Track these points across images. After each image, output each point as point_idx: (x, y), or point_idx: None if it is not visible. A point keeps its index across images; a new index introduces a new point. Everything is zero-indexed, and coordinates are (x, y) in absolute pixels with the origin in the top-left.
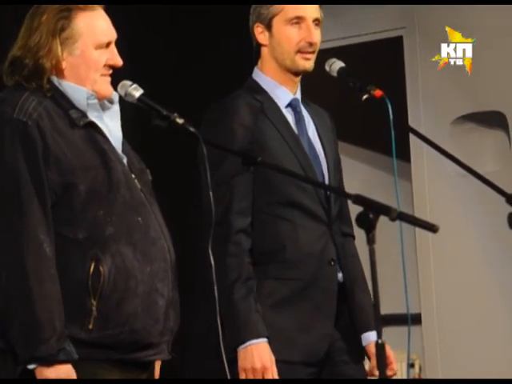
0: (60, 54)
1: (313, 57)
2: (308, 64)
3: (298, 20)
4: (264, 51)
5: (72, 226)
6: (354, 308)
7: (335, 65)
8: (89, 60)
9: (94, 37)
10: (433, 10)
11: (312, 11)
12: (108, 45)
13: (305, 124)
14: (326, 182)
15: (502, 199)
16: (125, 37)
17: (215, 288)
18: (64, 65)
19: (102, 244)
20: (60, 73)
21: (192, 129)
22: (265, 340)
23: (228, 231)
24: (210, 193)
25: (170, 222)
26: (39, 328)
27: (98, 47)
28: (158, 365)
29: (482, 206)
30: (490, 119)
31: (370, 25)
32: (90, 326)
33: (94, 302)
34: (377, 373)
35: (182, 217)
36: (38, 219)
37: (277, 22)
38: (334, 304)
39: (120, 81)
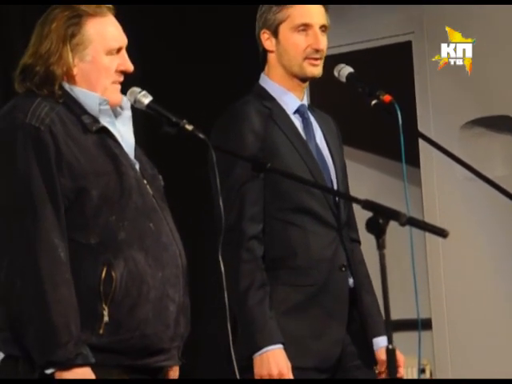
0: (71, 60)
1: (320, 63)
2: (316, 70)
3: (305, 27)
4: (271, 57)
5: (84, 231)
6: (363, 313)
7: (344, 70)
8: (100, 66)
9: (104, 43)
10: (441, 14)
11: (319, 18)
12: (119, 50)
13: (312, 130)
14: (335, 187)
15: None
16: (133, 41)
17: (225, 294)
18: (75, 71)
19: (114, 249)
20: (71, 79)
21: (201, 135)
22: (280, 346)
23: (241, 238)
24: (220, 200)
25: (181, 228)
26: (55, 333)
27: (109, 53)
28: (176, 371)
29: (491, 210)
30: (499, 123)
31: (379, 30)
32: (101, 331)
33: (106, 307)
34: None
35: (193, 222)
36: (51, 224)
37: (283, 29)
38: (346, 309)
39: (130, 85)
